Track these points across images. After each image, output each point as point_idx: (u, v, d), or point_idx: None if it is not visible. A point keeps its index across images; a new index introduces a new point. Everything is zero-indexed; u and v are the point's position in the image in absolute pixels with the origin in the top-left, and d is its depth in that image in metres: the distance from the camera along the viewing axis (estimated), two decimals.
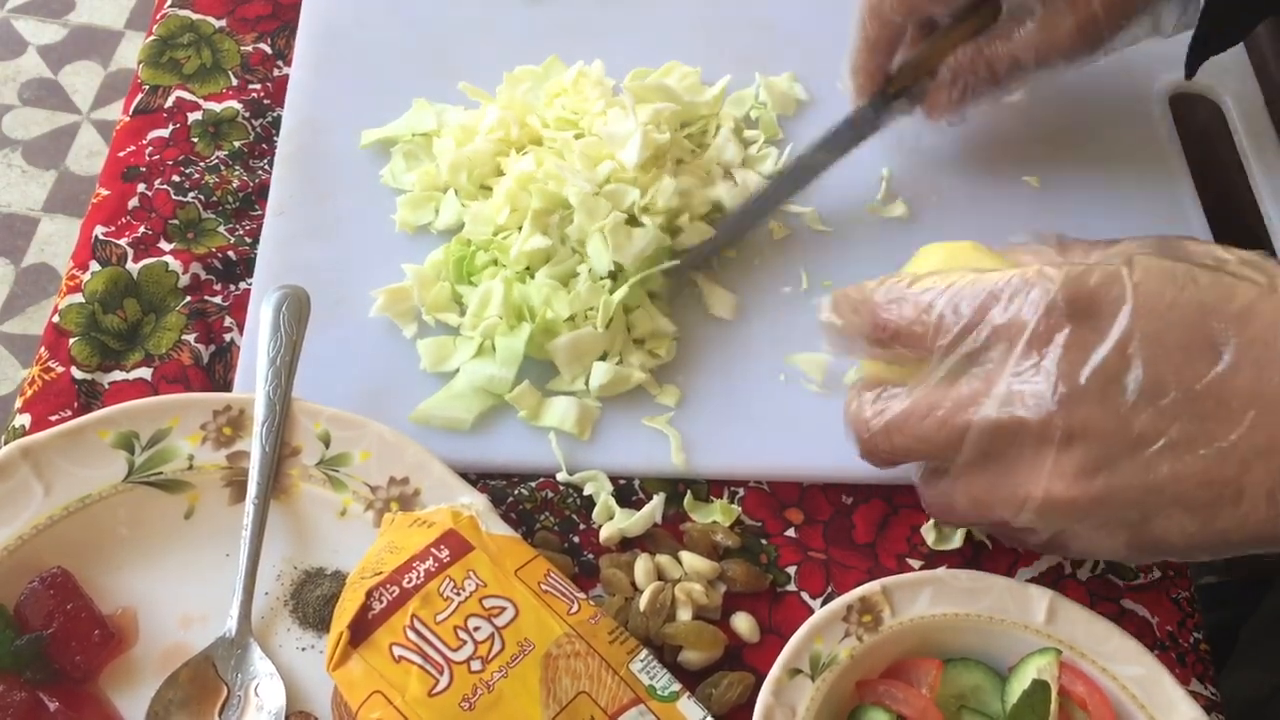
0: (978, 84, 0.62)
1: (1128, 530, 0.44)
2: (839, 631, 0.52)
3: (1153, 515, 0.43)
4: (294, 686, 0.52)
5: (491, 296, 0.61)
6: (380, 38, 0.75)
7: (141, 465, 0.55)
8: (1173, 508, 0.43)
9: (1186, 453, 0.42)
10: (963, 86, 0.62)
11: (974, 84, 0.62)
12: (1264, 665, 0.75)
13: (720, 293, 0.65)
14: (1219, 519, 0.42)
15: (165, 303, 0.64)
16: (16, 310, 1.74)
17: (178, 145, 0.69)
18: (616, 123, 0.65)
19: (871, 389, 0.50)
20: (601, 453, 0.60)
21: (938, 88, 0.63)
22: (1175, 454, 0.42)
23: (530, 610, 0.48)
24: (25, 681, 0.50)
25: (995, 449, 0.45)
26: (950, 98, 0.63)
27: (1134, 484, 0.42)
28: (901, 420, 0.47)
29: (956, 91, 0.63)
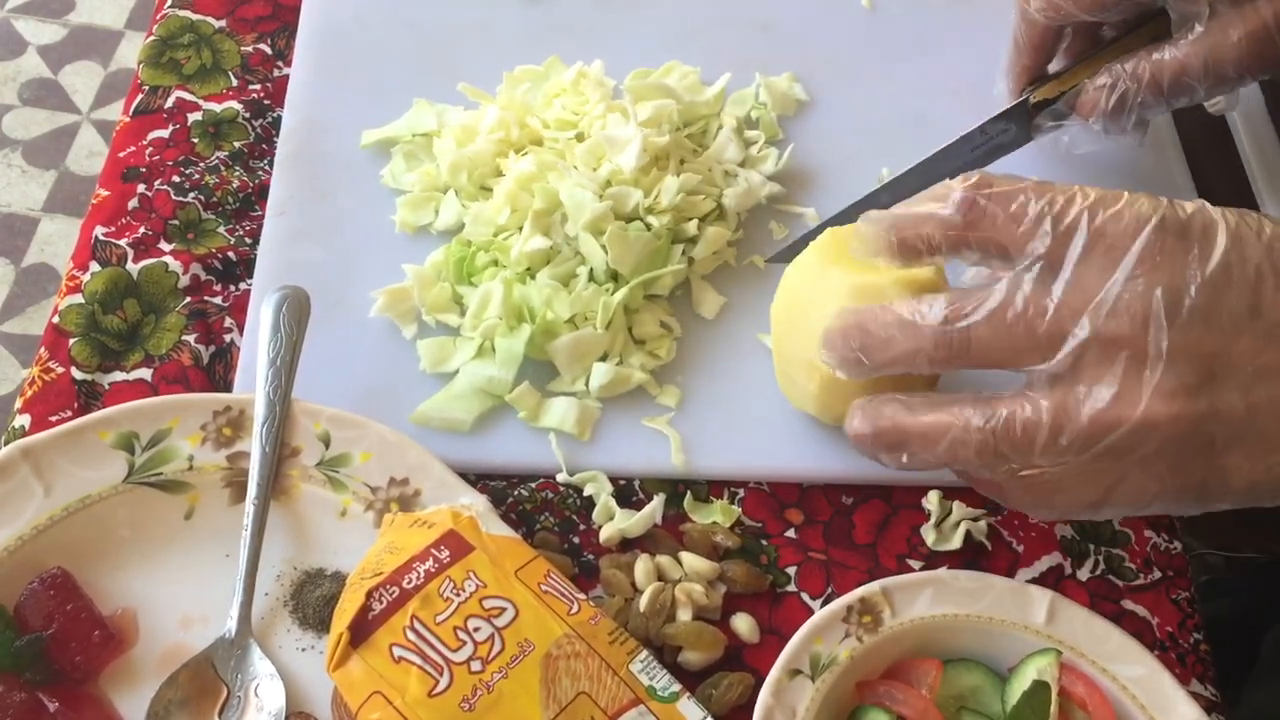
0: (1139, 91, 0.60)
1: (1202, 463, 0.43)
2: (839, 632, 0.52)
3: (1234, 443, 0.43)
4: (294, 687, 0.52)
5: (492, 297, 0.61)
6: (380, 38, 0.75)
7: (141, 466, 0.55)
8: (1255, 437, 0.43)
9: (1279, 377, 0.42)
10: (1121, 93, 0.60)
11: (1134, 92, 0.60)
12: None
13: (709, 294, 0.65)
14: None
15: (165, 303, 0.64)
16: (16, 310, 1.74)
17: (178, 146, 0.69)
18: (616, 127, 0.65)
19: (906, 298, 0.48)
20: (601, 453, 0.60)
21: (1094, 90, 0.61)
22: (1270, 378, 0.42)
23: (530, 611, 0.48)
24: (25, 682, 0.50)
25: (1089, 361, 0.43)
26: (1106, 103, 0.61)
27: (1232, 407, 0.42)
28: (985, 314, 0.45)
29: (1115, 96, 0.60)
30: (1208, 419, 0.43)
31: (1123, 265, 0.43)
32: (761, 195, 0.68)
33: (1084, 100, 0.62)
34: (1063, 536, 0.60)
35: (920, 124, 0.73)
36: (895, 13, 0.78)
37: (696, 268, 0.65)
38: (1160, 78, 0.59)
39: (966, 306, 0.46)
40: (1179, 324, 0.42)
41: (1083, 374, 0.44)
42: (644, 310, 0.63)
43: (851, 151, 0.72)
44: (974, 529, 0.59)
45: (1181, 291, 0.42)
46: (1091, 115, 0.62)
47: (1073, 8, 0.60)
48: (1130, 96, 0.60)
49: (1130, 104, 0.60)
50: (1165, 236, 0.43)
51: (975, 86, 0.71)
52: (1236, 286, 0.42)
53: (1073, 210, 0.44)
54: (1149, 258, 0.43)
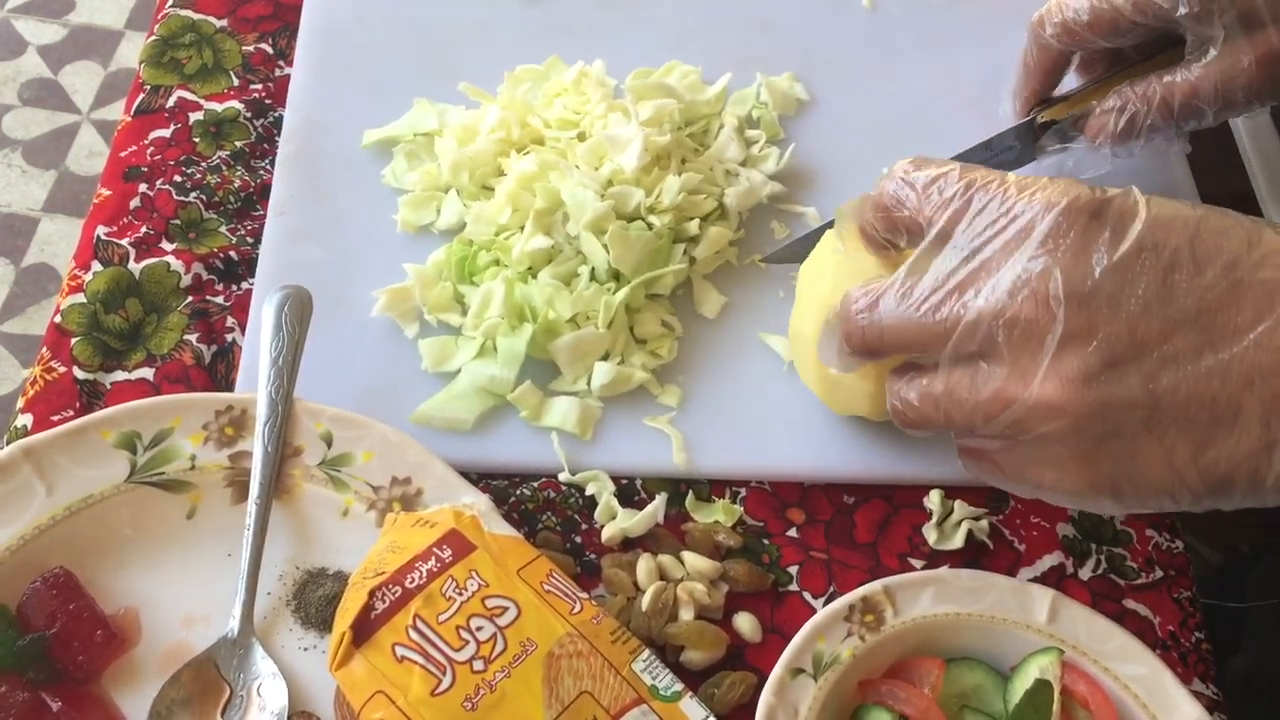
0: (1149, 114, 0.59)
1: (1111, 454, 0.42)
2: (841, 631, 0.52)
3: (1145, 433, 0.41)
4: (296, 686, 0.52)
5: (493, 297, 0.61)
6: (381, 38, 0.75)
7: (143, 465, 0.55)
8: (1167, 427, 0.41)
9: (1189, 363, 0.40)
10: (1131, 116, 0.60)
11: (1144, 115, 0.59)
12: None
13: (711, 293, 0.65)
14: (1213, 444, 0.41)
15: (167, 303, 0.64)
16: (16, 310, 1.74)
17: (179, 145, 0.69)
18: (617, 127, 0.65)
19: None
20: (603, 453, 0.60)
21: (1103, 112, 0.61)
22: (1177, 365, 0.41)
23: (532, 610, 0.48)
24: (28, 681, 0.50)
25: (988, 341, 0.43)
26: (1115, 124, 0.60)
27: (1133, 394, 0.41)
28: (893, 302, 0.45)
29: (1124, 119, 0.60)
30: (1109, 406, 0.41)
31: (1026, 245, 0.42)
32: (763, 194, 0.68)
33: (1092, 123, 0.62)
34: (1064, 536, 0.60)
35: (921, 123, 0.73)
36: (896, 12, 0.78)
37: (698, 267, 0.65)
38: (1171, 100, 0.59)
39: (876, 295, 0.46)
40: (1078, 305, 0.41)
41: (985, 354, 0.43)
42: (645, 310, 0.63)
43: (852, 151, 0.72)
44: (976, 528, 0.59)
45: (1085, 273, 0.41)
46: (1099, 138, 0.61)
47: (1088, 33, 0.60)
48: (1140, 119, 0.60)
49: (1139, 126, 0.60)
50: (1076, 218, 0.42)
51: (976, 86, 0.71)
52: (1148, 272, 0.41)
53: (987, 193, 0.44)
54: (1054, 238, 0.42)
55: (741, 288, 0.66)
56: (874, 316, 0.46)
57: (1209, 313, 0.41)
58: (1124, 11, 0.58)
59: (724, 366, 0.63)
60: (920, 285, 0.45)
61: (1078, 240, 0.42)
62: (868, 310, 0.47)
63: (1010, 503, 0.61)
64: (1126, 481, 0.43)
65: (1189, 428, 0.41)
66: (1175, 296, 0.41)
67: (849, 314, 0.48)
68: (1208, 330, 0.40)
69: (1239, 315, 0.40)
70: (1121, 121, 0.60)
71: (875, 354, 0.48)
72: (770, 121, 0.72)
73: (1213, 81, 0.57)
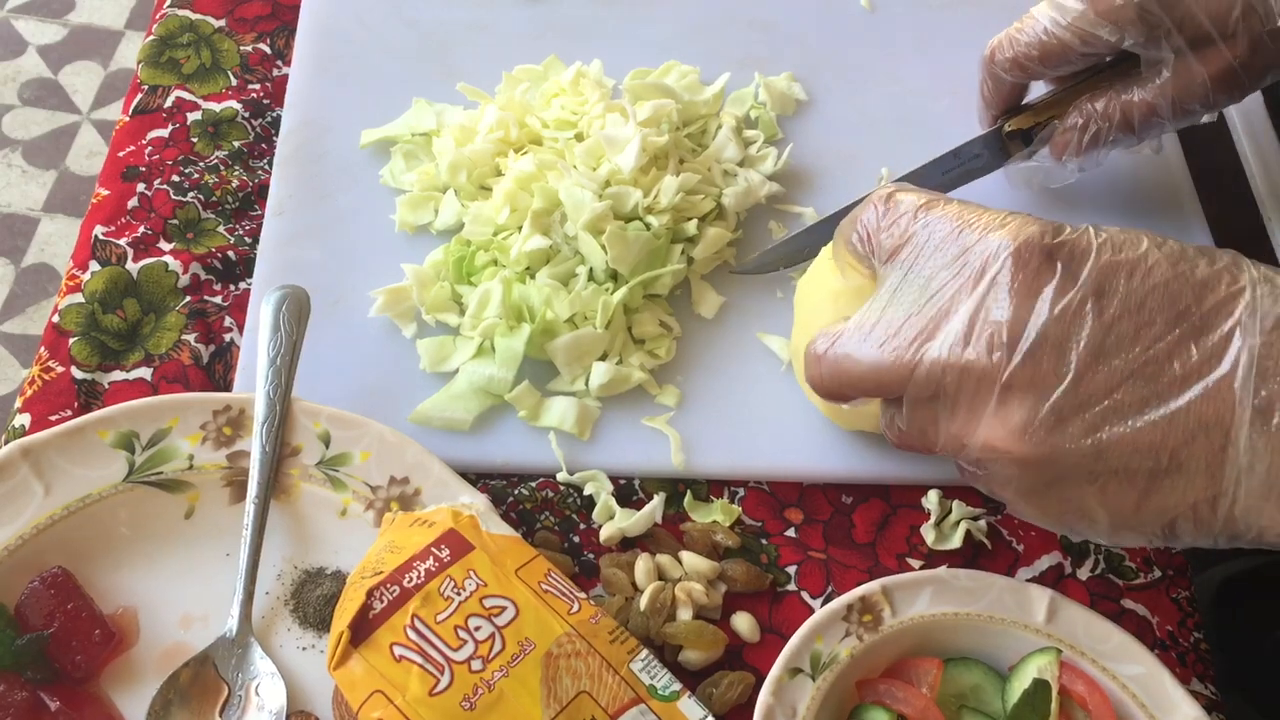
0: (1110, 131, 0.61)
1: (1058, 497, 0.42)
2: (839, 631, 0.52)
3: (1088, 482, 0.42)
4: (294, 686, 0.52)
5: (491, 297, 0.61)
6: (380, 38, 0.75)
7: (141, 465, 0.55)
8: (1111, 476, 0.41)
9: (1133, 416, 0.40)
10: (1095, 131, 0.61)
11: (1106, 131, 0.61)
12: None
13: (709, 293, 0.65)
14: (1157, 492, 0.41)
15: (165, 302, 0.64)
16: (16, 310, 1.74)
17: (177, 145, 0.70)
18: (615, 127, 0.65)
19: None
20: (601, 453, 0.60)
21: (1066, 130, 0.62)
22: (1121, 416, 0.40)
23: (531, 610, 0.48)
24: (26, 681, 0.50)
25: (941, 388, 0.43)
26: (1079, 141, 0.62)
27: (1078, 446, 0.41)
28: (851, 348, 0.46)
29: (1087, 136, 0.61)
30: (1052, 456, 0.41)
31: (978, 289, 0.42)
32: (761, 195, 0.68)
33: (1057, 140, 0.63)
34: (1063, 536, 0.60)
35: (920, 123, 0.73)
36: (895, 13, 0.78)
37: (696, 267, 0.65)
38: (1130, 117, 0.60)
39: (836, 344, 0.46)
40: (1024, 354, 0.41)
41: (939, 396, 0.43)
42: (643, 310, 0.63)
43: (851, 151, 0.72)
44: (974, 528, 0.59)
45: (1032, 321, 0.41)
46: (1065, 155, 0.63)
47: (1038, 66, 0.61)
48: (1103, 135, 0.61)
49: (1103, 142, 0.62)
50: (1028, 260, 0.42)
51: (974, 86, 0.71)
52: (1096, 319, 0.41)
53: (942, 229, 0.44)
54: (1004, 282, 0.42)
55: (740, 288, 0.66)
56: (834, 363, 0.47)
57: (1155, 363, 0.40)
58: (1072, 46, 0.59)
59: (722, 366, 0.63)
60: (875, 332, 0.45)
61: (1026, 285, 0.41)
62: (829, 357, 0.47)
63: None
64: (1077, 520, 0.43)
65: (1131, 478, 0.41)
66: (1122, 346, 0.41)
67: (811, 360, 0.48)
68: (1153, 381, 0.40)
69: (1185, 366, 0.40)
70: (1085, 139, 0.62)
71: (840, 399, 0.48)
72: (768, 122, 0.72)
73: (1169, 98, 0.59)
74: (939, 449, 0.45)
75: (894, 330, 0.44)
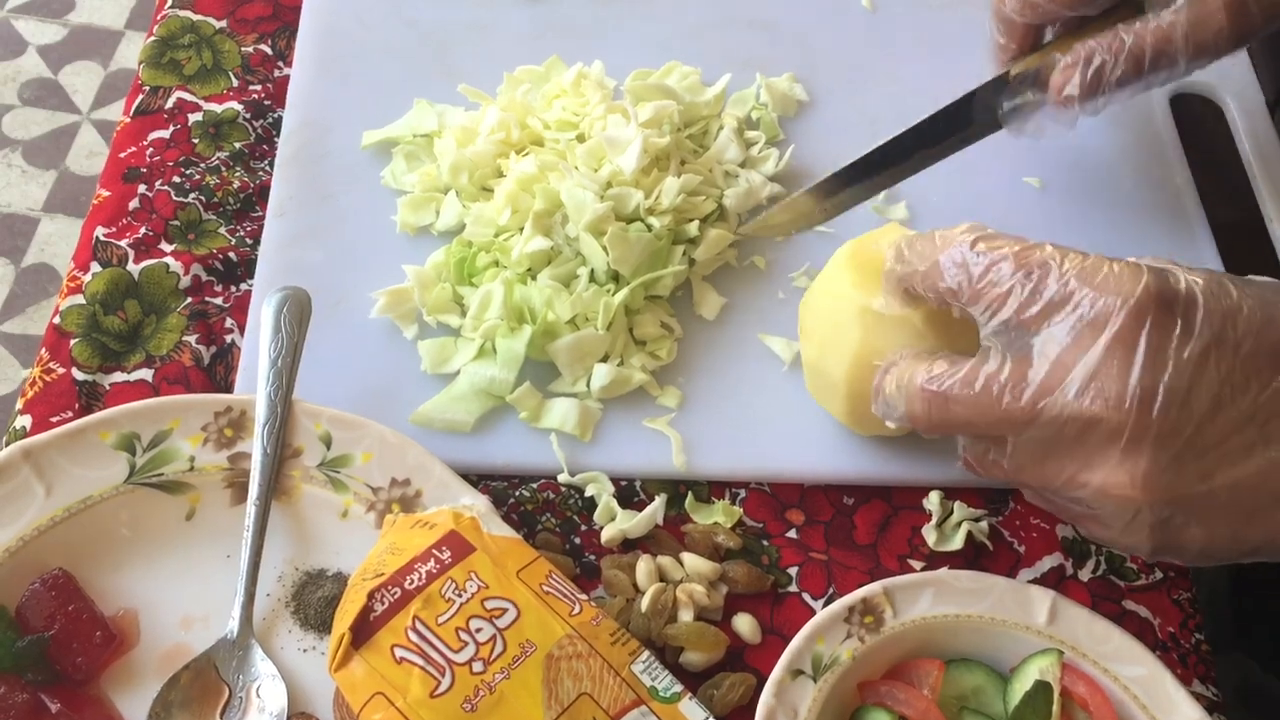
0: (1115, 67, 0.56)
1: (1162, 530, 0.44)
2: (841, 632, 0.52)
3: (1193, 520, 0.44)
4: (295, 688, 0.52)
5: (492, 298, 0.61)
6: (381, 39, 0.75)
7: (143, 466, 0.55)
8: (1214, 514, 0.43)
9: (1244, 460, 0.42)
10: (1099, 69, 0.56)
11: (1111, 67, 0.56)
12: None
13: (710, 295, 0.65)
14: (1252, 527, 0.43)
15: (166, 304, 0.64)
16: (16, 310, 1.74)
17: (178, 146, 0.69)
18: (616, 128, 0.65)
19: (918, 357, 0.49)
20: (603, 454, 0.60)
21: (1067, 66, 0.57)
22: (1233, 461, 0.42)
23: (532, 611, 0.48)
24: (27, 683, 0.50)
25: (1059, 436, 0.44)
26: (1082, 79, 0.56)
27: (1192, 488, 0.43)
28: (964, 393, 0.46)
29: (1090, 74, 0.56)
30: (1168, 500, 0.43)
31: (1099, 343, 0.43)
32: (762, 196, 0.68)
33: (1056, 79, 0.58)
34: (1064, 537, 0.60)
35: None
36: (896, 13, 0.78)
37: (697, 268, 0.65)
38: (1141, 49, 0.56)
39: (944, 381, 0.47)
40: (1149, 407, 0.42)
41: (1050, 444, 0.44)
42: (645, 311, 0.63)
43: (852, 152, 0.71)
44: (975, 529, 0.59)
45: (1158, 375, 0.42)
46: (1064, 93, 0.58)
47: (1053, 5, 0.58)
48: (1107, 71, 0.56)
49: (1107, 79, 0.57)
50: (1144, 315, 0.42)
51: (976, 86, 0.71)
52: (1213, 369, 0.42)
53: (1049, 284, 0.44)
54: (1127, 335, 0.42)
55: (741, 289, 0.66)
56: (943, 403, 0.47)
57: (1266, 409, 0.42)
58: None
59: (723, 368, 0.63)
60: (987, 378, 0.46)
61: (1151, 339, 0.42)
62: (936, 396, 0.47)
63: (1010, 504, 0.61)
64: (1165, 549, 0.45)
65: (1233, 514, 0.43)
66: (1235, 393, 0.42)
67: (916, 395, 0.48)
68: (1264, 427, 0.42)
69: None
70: (1089, 75, 0.57)
71: (940, 432, 0.49)
72: (770, 122, 0.72)
73: (1184, 29, 0.55)
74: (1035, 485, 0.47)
75: (1008, 380, 0.45)
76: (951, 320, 0.52)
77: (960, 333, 0.53)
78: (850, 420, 0.58)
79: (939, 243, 0.48)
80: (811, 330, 0.58)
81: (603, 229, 0.61)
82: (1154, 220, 0.70)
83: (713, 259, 0.66)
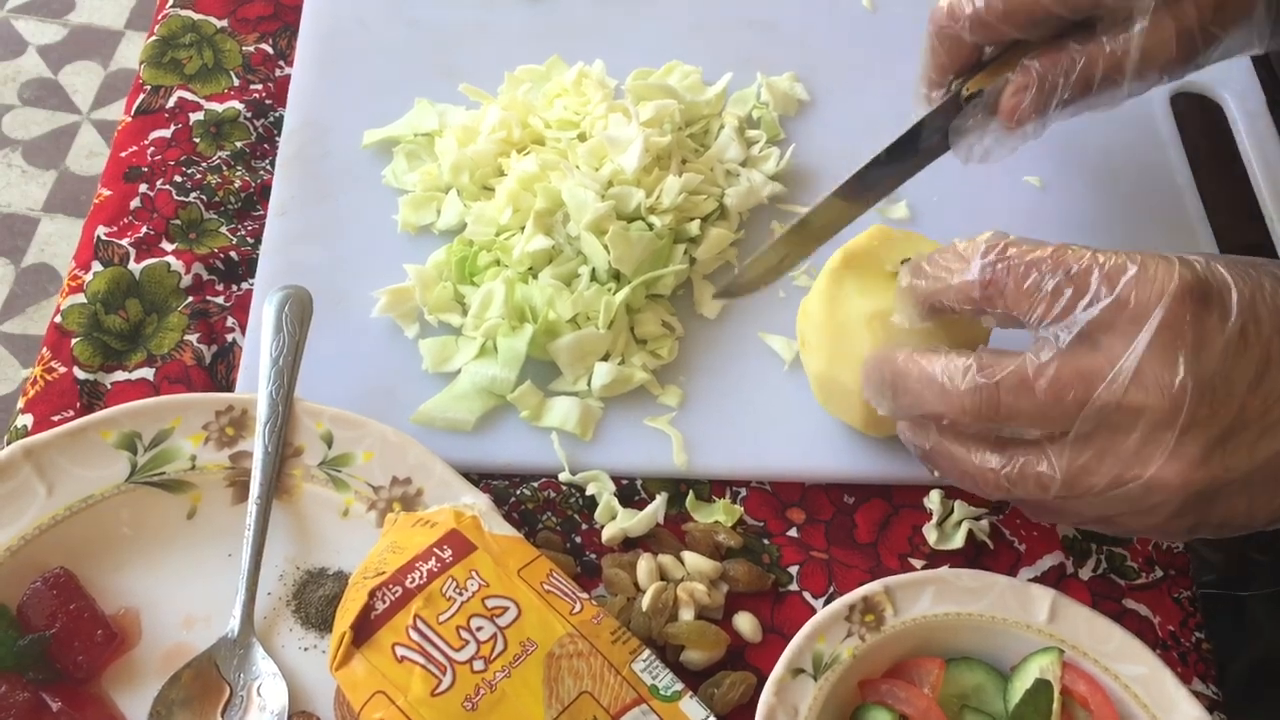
0: (1064, 89, 0.55)
1: (1201, 510, 0.45)
2: (841, 631, 0.52)
3: (1236, 495, 0.45)
4: (296, 687, 0.52)
5: (494, 297, 0.61)
6: (381, 38, 0.75)
7: (144, 465, 0.55)
8: (1258, 486, 0.45)
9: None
10: (1048, 89, 0.55)
11: (1061, 88, 0.55)
12: None
13: (711, 293, 0.65)
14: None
15: (167, 303, 0.64)
16: (16, 310, 1.74)
17: (179, 145, 0.70)
18: (617, 127, 0.65)
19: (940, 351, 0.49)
20: (604, 453, 0.60)
21: (1016, 89, 0.55)
22: (1275, 433, 0.44)
23: (533, 610, 0.48)
24: (28, 681, 0.50)
25: (1108, 427, 0.45)
26: (1032, 101, 0.55)
27: (1241, 466, 0.44)
28: (1018, 383, 0.46)
29: (1040, 95, 0.55)
30: (1218, 479, 0.44)
31: (1143, 334, 0.44)
32: (763, 195, 0.68)
33: (1007, 104, 0.56)
34: (1065, 536, 0.60)
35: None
36: (896, 12, 0.78)
37: (698, 267, 0.65)
38: (1092, 72, 0.54)
39: (996, 373, 0.47)
40: (1200, 390, 0.43)
41: (1101, 434, 0.45)
42: (646, 310, 0.63)
43: (853, 151, 0.71)
44: (976, 528, 0.59)
45: (1205, 358, 0.43)
46: (1013, 117, 0.56)
47: (1004, 26, 0.55)
48: (1058, 93, 0.55)
49: (1055, 101, 0.55)
50: (1186, 303, 0.44)
51: None
52: (1252, 348, 0.44)
53: (1093, 280, 0.45)
54: (1171, 325, 0.44)
55: None
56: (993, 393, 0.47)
57: None
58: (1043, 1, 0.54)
59: (724, 367, 0.63)
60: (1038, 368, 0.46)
61: (1194, 325, 0.44)
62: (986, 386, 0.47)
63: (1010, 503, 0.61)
64: (1205, 525, 0.46)
65: (1274, 484, 0.45)
66: (1273, 369, 0.44)
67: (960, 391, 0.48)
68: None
69: None
70: (1037, 98, 0.55)
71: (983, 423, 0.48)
72: (770, 122, 0.72)
73: (1136, 55, 0.54)
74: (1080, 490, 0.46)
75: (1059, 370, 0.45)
76: (959, 322, 0.52)
77: (966, 332, 0.53)
78: (866, 425, 0.58)
79: (965, 253, 0.49)
80: (816, 342, 0.58)
81: (604, 228, 0.61)
82: (1154, 220, 0.70)
83: (714, 258, 0.66)
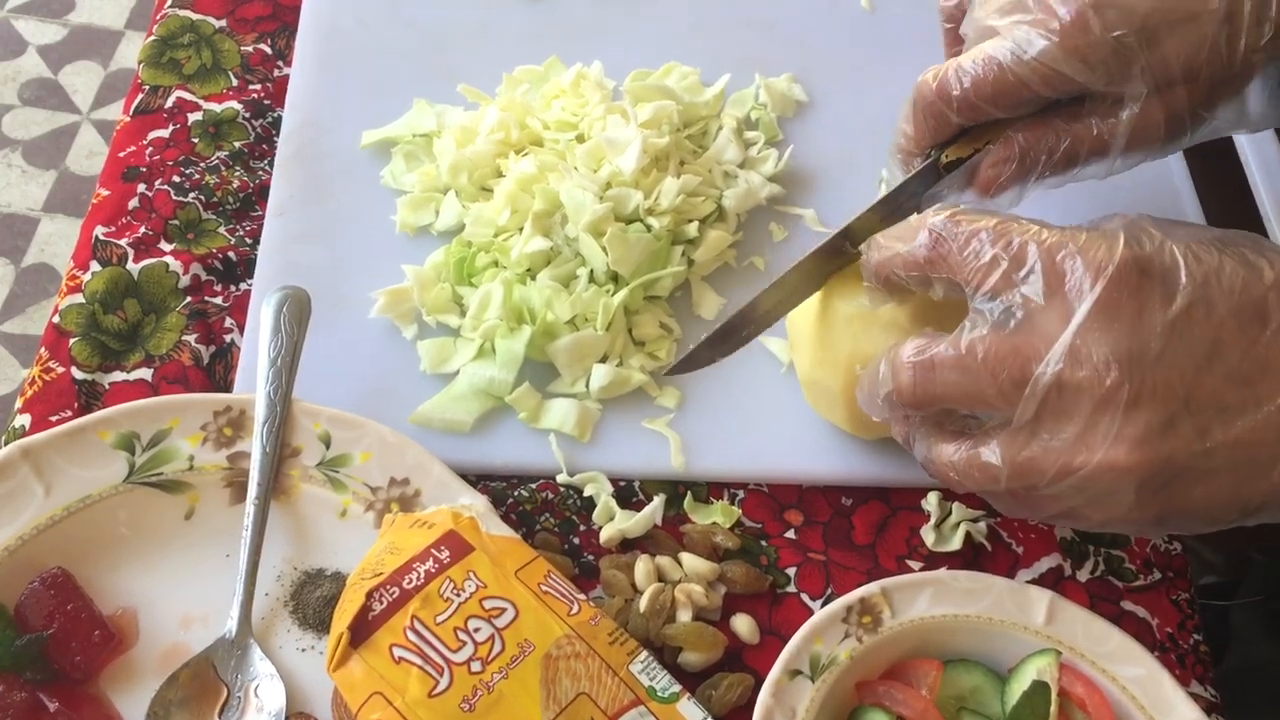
0: (1047, 166, 0.54)
1: (1161, 499, 0.44)
2: (839, 633, 0.52)
3: (1192, 482, 0.43)
4: (294, 687, 0.52)
5: (492, 298, 0.61)
6: (380, 38, 0.75)
7: (142, 466, 0.55)
8: (1213, 474, 0.43)
9: (1238, 417, 0.42)
10: (1029, 164, 0.54)
11: (1044, 165, 0.54)
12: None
13: (709, 295, 0.65)
14: (1250, 485, 0.43)
15: (165, 303, 0.64)
16: (16, 310, 1.74)
17: (178, 145, 0.70)
18: (616, 129, 0.65)
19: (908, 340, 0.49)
20: (601, 454, 0.60)
21: (995, 162, 0.54)
22: (1227, 419, 0.42)
23: (530, 611, 0.48)
24: (25, 681, 0.50)
25: (1052, 407, 0.44)
26: (1011, 175, 0.54)
27: (1190, 450, 0.43)
28: (951, 359, 0.45)
29: (1020, 169, 0.54)
30: (1167, 462, 0.43)
31: (1080, 310, 0.43)
32: (761, 196, 0.68)
33: (984, 176, 0.55)
34: (1062, 538, 0.60)
35: None
36: (895, 13, 0.78)
37: (696, 269, 0.65)
38: (1077, 151, 0.54)
39: (929, 349, 0.46)
40: (1140, 369, 0.42)
41: (1044, 420, 0.44)
42: (644, 311, 0.63)
43: (851, 153, 0.72)
44: (973, 530, 0.59)
45: (1144, 337, 0.42)
46: (991, 191, 0.55)
47: (989, 107, 0.53)
48: (1038, 169, 0.54)
49: (1034, 176, 0.54)
50: (1126, 279, 0.43)
51: None
52: (1198, 328, 0.42)
53: (1030, 253, 0.44)
54: (1109, 302, 0.42)
55: (740, 289, 0.66)
56: (928, 372, 0.47)
57: (1257, 364, 0.42)
58: (1031, 85, 0.51)
59: (722, 369, 0.63)
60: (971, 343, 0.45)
61: (1132, 303, 0.42)
62: (921, 365, 0.47)
63: None
64: (1172, 516, 0.45)
65: (1233, 471, 0.43)
66: (1224, 354, 0.42)
67: (900, 368, 0.48)
68: (1254, 385, 0.42)
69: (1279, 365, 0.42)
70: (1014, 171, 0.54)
71: (924, 409, 0.48)
72: (769, 123, 0.72)
73: (1124, 138, 0.53)
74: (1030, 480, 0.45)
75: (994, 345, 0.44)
76: (938, 319, 0.52)
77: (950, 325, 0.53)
78: (853, 427, 0.58)
79: (916, 223, 0.48)
80: (801, 344, 0.58)
81: (602, 229, 0.61)
82: None
83: (712, 259, 0.66)
